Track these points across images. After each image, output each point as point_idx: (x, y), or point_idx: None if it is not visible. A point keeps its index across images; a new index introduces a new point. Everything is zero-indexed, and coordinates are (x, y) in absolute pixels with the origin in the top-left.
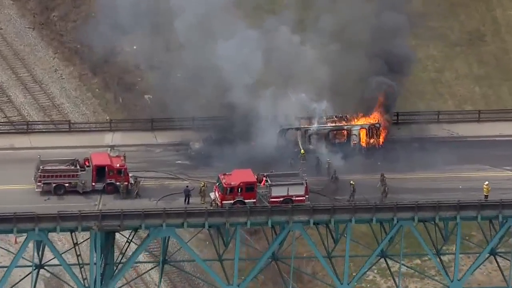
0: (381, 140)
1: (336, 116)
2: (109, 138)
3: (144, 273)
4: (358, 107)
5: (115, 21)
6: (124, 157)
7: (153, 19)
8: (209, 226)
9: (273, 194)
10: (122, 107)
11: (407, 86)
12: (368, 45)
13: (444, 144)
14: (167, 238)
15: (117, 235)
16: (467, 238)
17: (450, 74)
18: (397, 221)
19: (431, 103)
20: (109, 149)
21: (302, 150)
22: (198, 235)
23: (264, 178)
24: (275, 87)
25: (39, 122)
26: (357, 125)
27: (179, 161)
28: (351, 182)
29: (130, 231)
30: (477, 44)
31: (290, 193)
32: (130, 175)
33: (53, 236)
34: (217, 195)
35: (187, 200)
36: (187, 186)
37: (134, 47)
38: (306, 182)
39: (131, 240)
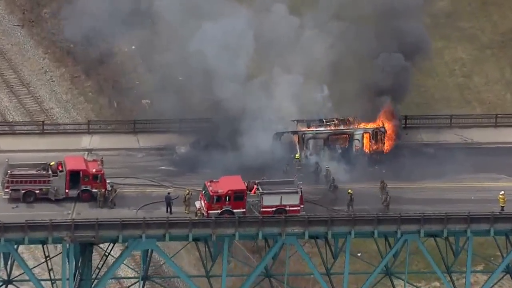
0: (386, 145)
1: (337, 119)
2: (87, 141)
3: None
4: (363, 101)
5: (113, 18)
6: (102, 161)
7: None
8: (194, 239)
9: (265, 204)
10: (117, 113)
11: (431, 92)
12: (377, 25)
13: (457, 151)
14: (149, 251)
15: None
16: (492, 258)
17: (480, 79)
18: (402, 235)
19: (457, 111)
20: (86, 153)
21: (297, 154)
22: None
23: (255, 186)
24: (269, 77)
25: (4, 123)
26: (359, 128)
27: (163, 167)
28: (349, 190)
29: (109, 243)
30: (510, 46)
31: (284, 203)
32: (107, 181)
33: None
34: (202, 204)
35: (168, 209)
36: (168, 193)
37: (133, 47)
38: (301, 191)
39: (109, 253)
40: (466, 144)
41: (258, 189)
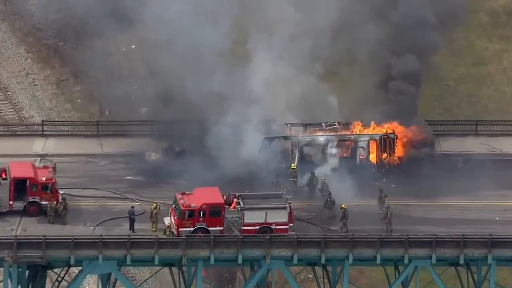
0: (397, 155)
1: (338, 123)
2: (40, 145)
3: None
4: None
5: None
6: (54, 168)
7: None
8: (163, 262)
9: (246, 221)
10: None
11: (485, 103)
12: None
13: (482, 163)
14: (110, 276)
15: None
16: None
17: None
18: (410, 261)
19: None
20: (39, 159)
21: (292, 164)
22: None
23: (235, 200)
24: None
25: None
26: (365, 134)
27: (130, 177)
28: (342, 205)
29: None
30: None
31: (269, 220)
32: (60, 192)
33: None
34: (172, 220)
35: (132, 226)
36: (132, 207)
37: (132, 46)
38: (290, 206)
39: (62, 278)
40: (493, 155)
41: (238, 203)
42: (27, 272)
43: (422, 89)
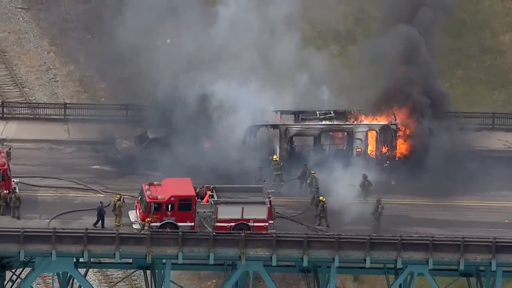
0: (399, 148)
1: (334, 111)
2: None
3: None
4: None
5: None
6: (8, 153)
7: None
8: (122, 256)
9: (220, 216)
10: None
11: None
12: None
13: (496, 160)
14: (68, 275)
15: None
16: None
17: None
18: (405, 266)
19: None
20: (4, 145)
21: (275, 156)
22: None
23: (209, 193)
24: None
25: None
26: (362, 124)
27: (97, 166)
28: (321, 198)
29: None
30: None
31: (246, 216)
32: (14, 180)
33: None
34: (137, 214)
35: (101, 223)
36: (101, 203)
37: (168, 41)
38: (270, 202)
39: (18, 276)
40: (509, 152)
41: (212, 196)
42: None
43: None
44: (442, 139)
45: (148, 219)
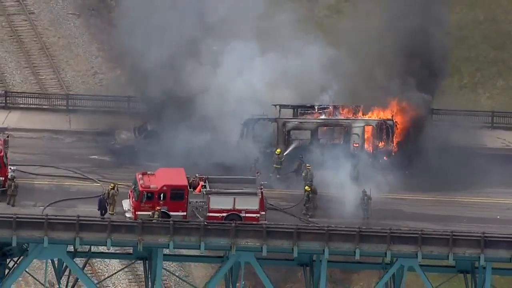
0: (395, 143)
1: (332, 106)
2: (1, 117)
3: None
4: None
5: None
6: (5, 141)
7: None
8: (114, 244)
9: (212, 206)
10: None
11: None
12: None
13: (493, 158)
14: (63, 263)
15: None
16: None
17: None
18: (396, 259)
19: None
20: (6, 134)
21: (278, 149)
22: None
23: (201, 183)
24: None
25: None
26: (359, 119)
27: (95, 156)
28: (305, 187)
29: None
30: None
31: (238, 207)
32: (10, 168)
33: None
34: (131, 202)
35: (102, 213)
36: (103, 195)
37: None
38: (262, 193)
39: (15, 262)
40: (507, 150)
41: (204, 187)
42: None
43: None
44: (440, 136)
45: (158, 207)
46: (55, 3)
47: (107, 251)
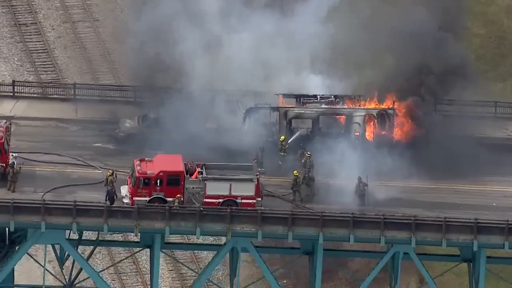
0: (395, 133)
1: (334, 96)
2: (9, 106)
3: None
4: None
5: None
6: (7, 128)
7: None
8: (111, 230)
9: (209, 192)
10: None
11: None
12: None
13: (494, 147)
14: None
15: None
16: None
17: None
18: (391, 246)
19: None
20: (4, 121)
21: (282, 137)
22: None
23: (198, 169)
24: None
25: None
26: (360, 109)
27: (99, 144)
28: (295, 172)
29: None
30: None
31: (234, 193)
32: (12, 155)
33: None
34: (128, 188)
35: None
36: (111, 188)
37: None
38: (258, 179)
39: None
40: (508, 140)
41: (201, 173)
42: None
43: None
44: (440, 125)
45: (178, 195)
46: (119, 11)
47: (114, 239)
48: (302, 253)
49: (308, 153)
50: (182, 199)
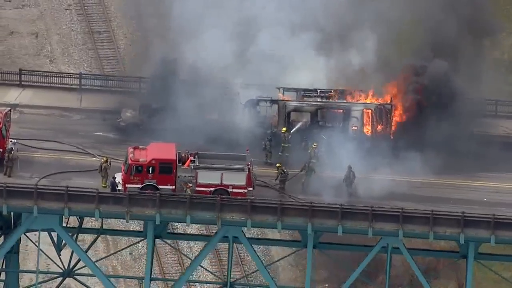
0: (393, 128)
1: (335, 90)
2: (14, 95)
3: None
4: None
5: None
6: (7, 114)
7: None
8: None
9: (200, 181)
10: None
11: None
12: None
13: (492, 144)
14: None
15: None
16: None
17: None
18: (380, 238)
19: None
20: (8, 108)
21: (284, 128)
22: None
23: (191, 158)
24: None
25: None
26: (358, 103)
27: (100, 133)
28: (278, 164)
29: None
30: None
31: (225, 182)
32: (11, 141)
33: None
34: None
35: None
36: (113, 178)
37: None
38: (249, 169)
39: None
40: (507, 138)
41: (193, 161)
42: None
43: None
44: (440, 121)
45: (189, 184)
46: None
47: (117, 228)
48: (304, 247)
49: (314, 144)
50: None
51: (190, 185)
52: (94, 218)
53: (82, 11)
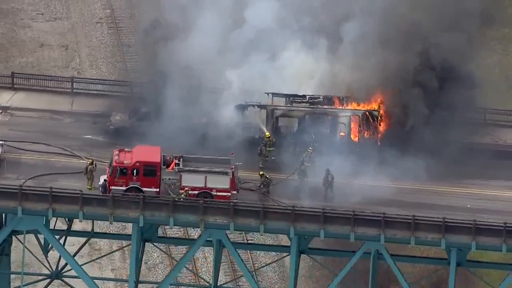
0: (380, 134)
1: (324, 96)
2: (6, 97)
3: None
4: None
5: None
6: None
7: None
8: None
9: (184, 184)
10: None
11: None
12: None
13: (478, 153)
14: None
15: None
16: None
17: None
18: (363, 243)
19: None
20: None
21: (267, 133)
22: None
23: (175, 161)
24: None
25: None
26: (346, 109)
27: (89, 136)
28: (261, 172)
29: None
30: None
31: (209, 185)
32: None
33: None
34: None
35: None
36: (105, 180)
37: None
38: (233, 173)
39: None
40: (495, 146)
41: (178, 164)
42: None
43: None
44: (429, 129)
45: (186, 188)
46: None
47: (107, 231)
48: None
49: (310, 149)
50: (189, 192)
51: (186, 188)
52: (87, 221)
53: (113, 24)
